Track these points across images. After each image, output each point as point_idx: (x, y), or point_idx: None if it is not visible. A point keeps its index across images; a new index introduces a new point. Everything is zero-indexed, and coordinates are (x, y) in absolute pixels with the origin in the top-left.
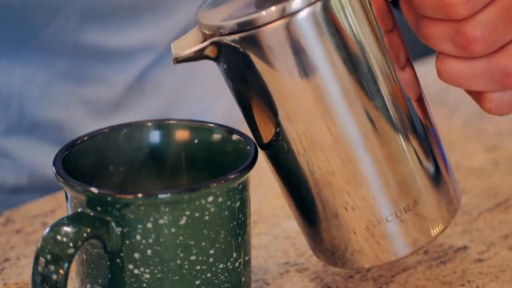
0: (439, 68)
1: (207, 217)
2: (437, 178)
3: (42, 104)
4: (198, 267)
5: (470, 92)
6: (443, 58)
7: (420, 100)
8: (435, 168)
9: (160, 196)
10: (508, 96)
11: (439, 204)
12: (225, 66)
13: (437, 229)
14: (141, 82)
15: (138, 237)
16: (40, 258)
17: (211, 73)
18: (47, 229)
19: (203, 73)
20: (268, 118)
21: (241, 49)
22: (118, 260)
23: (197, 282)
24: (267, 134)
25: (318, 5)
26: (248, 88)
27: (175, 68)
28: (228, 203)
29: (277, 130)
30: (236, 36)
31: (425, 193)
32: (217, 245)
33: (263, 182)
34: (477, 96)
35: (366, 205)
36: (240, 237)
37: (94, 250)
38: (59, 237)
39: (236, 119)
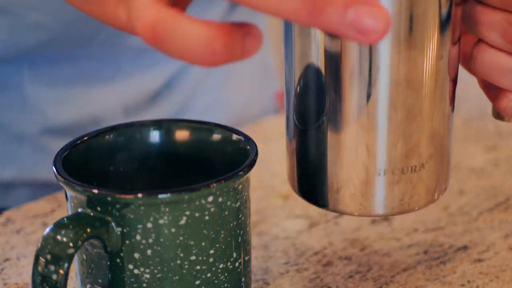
0: (476, 55)
1: (207, 217)
2: (445, 153)
3: (82, 104)
4: (198, 267)
5: (487, 88)
6: (484, 47)
7: (455, 81)
8: (447, 144)
9: (160, 196)
10: None
11: (438, 177)
12: None
13: (427, 200)
14: (175, 77)
15: (138, 237)
16: (40, 258)
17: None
18: (47, 229)
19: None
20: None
21: None
22: (118, 260)
23: (197, 282)
24: (303, 49)
25: None
26: None
27: None
28: (228, 203)
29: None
30: None
31: (434, 161)
32: (217, 245)
33: (263, 182)
34: (495, 93)
35: (380, 152)
36: (240, 237)
37: (94, 250)
38: (59, 237)
39: (252, 111)
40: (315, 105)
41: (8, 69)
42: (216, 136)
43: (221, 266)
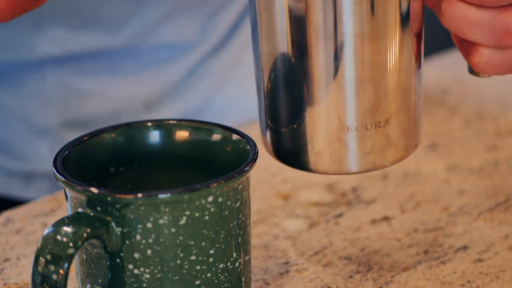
0: (444, 10)
1: (207, 217)
2: (412, 108)
3: (103, 97)
4: (198, 267)
5: (461, 44)
6: (452, 0)
7: (419, 37)
8: (412, 99)
9: (160, 196)
10: (498, 56)
11: (406, 133)
12: None
13: (395, 156)
14: (194, 70)
15: (138, 237)
16: (40, 258)
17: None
18: (47, 229)
19: (249, 56)
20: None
21: None
22: (118, 260)
23: (197, 282)
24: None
25: None
26: None
27: (224, 53)
28: (228, 203)
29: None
30: None
31: (399, 116)
32: (217, 245)
33: (263, 182)
34: (468, 48)
35: (342, 107)
36: (240, 237)
37: (94, 250)
38: (59, 237)
39: None
40: (282, 66)
41: (31, 63)
42: (216, 136)
43: (221, 266)
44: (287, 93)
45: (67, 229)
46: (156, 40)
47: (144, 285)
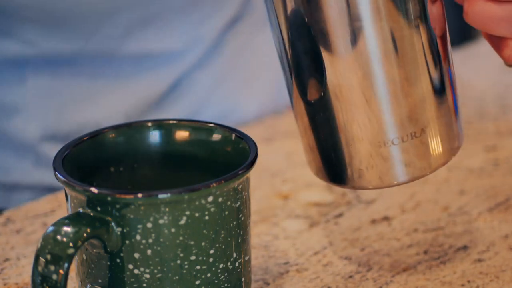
0: (467, 9)
1: (207, 217)
2: (447, 112)
3: (83, 111)
4: (198, 267)
5: (491, 39)
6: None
7: (444, 38)
8: (447, 102)
9: (160, 196)
10: None
11: (444, 138)
12: None
13: (437, 162)
14: (179, 83)
15: (138, 237)
16: (40, 258)
17: (244, 71)
18: (47, 229)
19: (236, 71)
20: (294, 31)
21: None
22: (118, 260)
23: (197, 282)
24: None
25: None
26: None
27: (211, 66)
28: (228, 203)
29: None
30: None
31: (434, 123)
32: (217, 245)
33: (263, 182)
34: (498, 43)
35: (376, 124)
36: (240, 237)
37: (94, 250)
38: (59, 237)
39: (267, 117)
40: (313, 87)
41: (11, 78)
42: (216, 136)
43: (221, 266)
44: (322, 115)
45: (67, 229)
46: (135, 47)
47: (144, 285)
